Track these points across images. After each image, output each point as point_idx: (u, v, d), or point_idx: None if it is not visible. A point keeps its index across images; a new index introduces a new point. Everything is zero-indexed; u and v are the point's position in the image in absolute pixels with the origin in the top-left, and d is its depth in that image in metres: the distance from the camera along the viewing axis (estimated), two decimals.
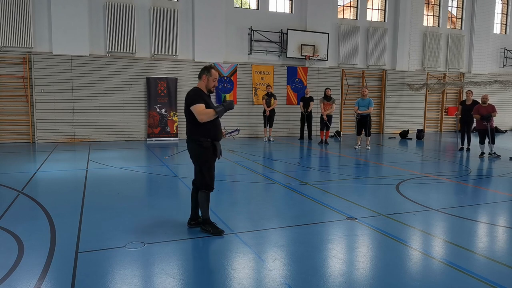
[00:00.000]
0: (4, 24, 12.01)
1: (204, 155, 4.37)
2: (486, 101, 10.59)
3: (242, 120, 15.07)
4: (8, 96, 12.30)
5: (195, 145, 4.37)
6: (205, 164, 4.40)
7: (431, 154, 11.41)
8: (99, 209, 5.42)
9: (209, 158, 4.41)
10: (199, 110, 4.25)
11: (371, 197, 6.34)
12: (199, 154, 4.38)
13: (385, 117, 17.66)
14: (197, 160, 4.42)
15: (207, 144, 4.35)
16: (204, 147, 4.35)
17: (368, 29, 16.98)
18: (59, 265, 3.62)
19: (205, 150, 4.36)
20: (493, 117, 10.44)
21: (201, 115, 4.25)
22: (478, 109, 10.68)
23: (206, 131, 4.34)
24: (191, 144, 4.42)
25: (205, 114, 4.26)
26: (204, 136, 4.34)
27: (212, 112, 4.30)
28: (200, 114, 4.25)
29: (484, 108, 10.53)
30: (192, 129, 4.37)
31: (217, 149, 4.44)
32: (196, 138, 4.35)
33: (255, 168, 8.75)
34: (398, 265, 3.73)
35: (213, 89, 4.47)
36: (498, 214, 5.54)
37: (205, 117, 4.26)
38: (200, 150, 4.36)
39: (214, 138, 4.42)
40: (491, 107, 10.48)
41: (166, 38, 13.77)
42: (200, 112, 4.25)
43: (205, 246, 4.14)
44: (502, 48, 19.65)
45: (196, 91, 4.38)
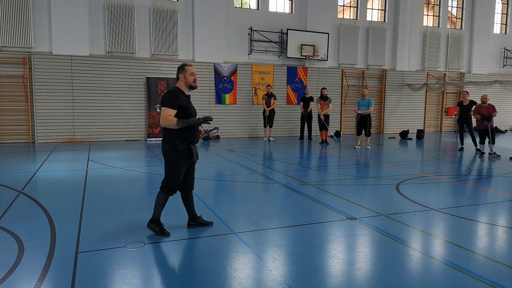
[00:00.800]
0: (4, 24, 12.01)
1: (177, 157, 4.29)
2: (486, 101, 10.59)
3: (242, 120, 15.08)
4: (8, 96, 12.30)
5: (169, 147, 4.29)
6: (175, 167, 4.33)
7: (431, 154, 11.41)
8: (99, 209, 5.42)
9: (182, 161, 4.33)
10: (164, 115, 4.17)
11: (371, 197, 6.34)
12: (172, 157, 4.30)
13: (385, 117, 17.66)
14: (169, 161, 4.35)
15: (182, 147, 4.27)
16: (179, 150, 4.27)
17: (368, 29, 16.98)
18: (59, 265, 3.62)
19: (179, 153, 4.28)
20: (493, 117, 10.45)
21: (163, 121, 4.19)
22: (478, 109, 10.69)
23: (182, 133, 4.25)
24: (166, 145, 4.33)
25: (166, 121, 4.16)
26: (180, 139, 4.26)
27: (173, 122, 4.15)
28: (163, 120, 4.18)
29: (484, 108, 10.54)
30: (169, 130, 4.27)
31: (193, 152, 4.36)
32: (172, 140, 4.26)
33: (255, 168, 8.75)
34: (398, 265, 3.73)
35: (194, 83, 4.36)
36: (498, 214, 5.54)
37: (165, 123, 4.19)
38: (174, 152, 4.28)
39: (191, 141, 4.34)
40: (491, 107, 10.49)
41: (166, 38, 13.77)
42: (163, 117, 4.18)
43: (205, 246, 4.14)
44: (502, 48, 19.65)
45: (172, 93, 4.28)
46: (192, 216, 4.67)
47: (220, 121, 14.76)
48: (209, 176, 8.04)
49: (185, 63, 4.43)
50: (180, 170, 4.36)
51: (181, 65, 4.41)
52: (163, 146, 4.37)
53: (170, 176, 4.36)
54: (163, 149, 4.40)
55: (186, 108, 4.28)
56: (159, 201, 4.44)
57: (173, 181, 4.37)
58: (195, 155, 4.41)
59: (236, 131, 15.04)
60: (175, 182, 4.38)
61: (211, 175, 8.18)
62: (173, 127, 4.20)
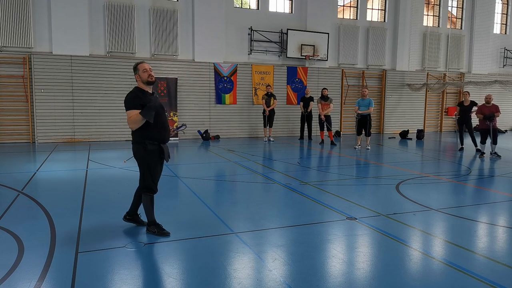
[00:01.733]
0: (4, 24, 12.02)
1: (149, 158, 4.27)
2: (490, 101, 10.57)
3: (242, 120, 15.08)
4: (8, 96, 12.30)
5: (140, 147, 4.25)
6: (148, 167, 4.30)
7: (431, 154, 11.40)
8: (99, 209, 5.42)
9: (154, 161, 4.30)
10: (128, 118, 4.15)
11: (371, 197, 6.33)
12: (143, 157, 4.27)
13: (385, 117, 17.66)
14: (142, 163, 4.31)
15: (152, 147, 4.24)
16: (149, 150, 4.23)
17: (368, 29, 16.98)
18: (59, 265, 3.62)
19: (150, 153, 4.25)
20: (496, 117, 10.42)
21: (131, 124, 4.15)
22: (481, 109, 10.65)
23: (152, 133, 4.21)
24: (135, 146, 4.29)
25: (134, 123, 4.12)
26: (150, 139, 4.22)
27: (139, 118, 4.08)
28: (130, 123, 4.14)
29: (488, 108, 10.51)
30: (138, 131, 4.22)
31: (164, 151, 4.32)
32: (141, 140, 4.22)
33: (255, 168, 8.75)
34: (398, 265, 3.72)
35: (150, 78, 4.29)
36: (498, 214, 5.54)
37: (134, 125, 4.13)
38: (144, 153, 4.25)
39: (161, 141, 4.31)
40: (494, 107, 10.46)
41: (166, 38, 13.78)
42: (129, 120, 4.13)
43: (205, 246, 4.14)
44: (502, 48, 19.65)
45: (131, 95, 4.24)
46: (132, 211, 4.66)
47: (220, 121, 14.78)
48: (209, 176, 8.05)
49: (138, 62, 4.40)
50: (154, 169, 4.35)
51: (134, 65, 4.40)
52: (133, 147, 4.33)
53: (147, 178, 4.33)
54: (133, 151, 4.34)
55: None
56: (146, 204, 4.41)
57: (152, 181, 4.35)
58: (166, 154, 4.35)
59: (236, 131, 15.04)
60: (153, 182, 4.37)
61: (211, 175, 8.18)
62: (141, 123, 4.13)
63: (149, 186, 4.36)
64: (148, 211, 4.42)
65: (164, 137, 4.34)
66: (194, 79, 14.28)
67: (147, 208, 4.42)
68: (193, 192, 6.44)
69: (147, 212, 4.42)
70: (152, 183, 4.36)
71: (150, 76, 4.31)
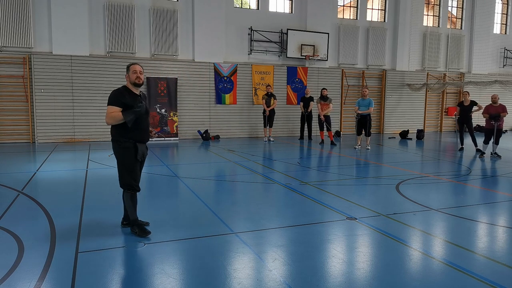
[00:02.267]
0: (4, 24, 12.02)
1: (124, 155, 4.30)
2: (496, 101, 10.54)
3: (242, 120, 15.08)
4: (8, 96, 12.30)
5: (116, 146, 4.31)
6: (126, 166, 4.32)
7: (431, 154, 11.40)
8: (99, 209, 5.42)
9: (130, 159, 4.32)
10: (107, 113, 4.21)
11: (371, 197, 6.33)
12: (119, 155, 4.32)
13: (385, 117, 17.66)
14: (119, 160, 4.36)
15: (127, 145, 4.27)
16: (124, 147, 4.27)
17: (368, 29, 16.98)
18: (59, 265, 3.62)
19: (125, 150, 4.28)
20: (502, 117, 10.39)
21: (108, 119, 4.22)
22: (488, 108, 10.62)
23: (128, 132, 4.25)
24: (113, 144, 4.36)
25: (111, 119, 4.19)
26: (125, 137, 4.26)
27: (118, 117, 4.16)
28: (108, 118, 4.22)
29: (494, 108, 10.49)
30: (115, 129, 4.31)
31: (138, 151, 4.32)
32: (116, 138, 4.29)
33: (255, 168, 8.75)
34: (398, 265, 3.72)
35: (137, 80, 4.32)
36: (498, 214, 5.54)
37: (111, 121, 4.21)
38: (120, 150, 4.30)
39: (137, 140, 4.33)
40: (501, 107, 10.43)
41: (166, 38, 13.78)
42: (107, 116, 4.21)
43: (205, 246, 4.14)
44: (502, 48, 19.66)
45: (118, 91, 4.30)
46: (127, 216, 4.60)
47: (220, 121, 14.78)
48: (209, 176, 8.05)
49: (132, 62, 4.45)
50: (131, 166, 4.35)
51: (128, 64, 4.45)
52: (112, 145, 4.38)
53: (125, 176, 4.34)
54: (112, 148, 4.40)
55: (131, 107, 4.23)
56: (127, 202, 4.39)
57: (130, 178, 4.34)
58: (140, 153, 4.35)
59: (236, 131, 15.04)
60: (133, 179, 4.36)
61: (211, 175, 8.18)
62: (119, 122, 4.19)
63: (128, 183, 4.34)
64: (129, 210, 4.40)
65: (141, 138, 4.37)
66: (194, 79, 14.28)
67: (128, 206, 4.40)
68: (193, 192, 6.44)
69: (129, 210, 4.40)
70: (131, 180, 4.34)
71: (138, 78, 4.34)
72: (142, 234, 4.33)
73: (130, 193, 4.37)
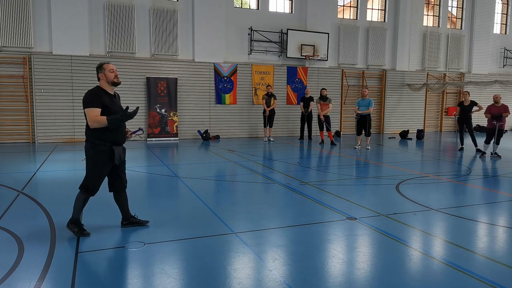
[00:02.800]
0: (4, 24, 12.02)
1: (98, 159, 4.20)
2: (499, 101, 10.52)
3: (242, 120, 15.09)
4: (8, 96, 12.30)
5: (90, 147, 4.18)
6: (95, 168, 4.23)
7: (431, 154, 11.40)
8: (99, 209, 5.42)
9: (102, 162, 4.22)
10: (92, 116, 4.07)
11: (371, 197, 6.33)
12: (92, 157, 4.20)
13: (385, 117, 17.66)
14: (90, 162, 4.25)
15: (103, 148, 4.17)
16: (99, 150, 4.16)
17: (368, 29, 16.98)
18: (59, 265, 3.62)
19: (99, 154, 4.17)
20: (504, 118, 10.37)
21: (92, 122, 4.09)
22: (490, 108, 10.60)
23: (106, 134, 4.15)
24: (86, 145, 4.23)
25: (96, 122, 4.08)
26: (101, 139, 4.15)
27: (104, 121, 4.07)
28: (92, 121, 4.08)
29: (497, 108, 10.47)
30: (90, 130, 4.17)
31: (115, 154, 4.23)
32: (91, 140, 4.16)
33: (255, 168, 8.75)
34: (398, 265, 3.72)
35: (116, 79, 4.26)
36: (498, 214, 5.54)
37: (96, 124, 4.09)
38: (94, 154, 4.18)
39: (114, 142, 4.23)
40: (503, 107, 10.41)
41: (166, 38, 13.78)
42: (92, 119, 4.08)
43: (205, 246, 4.14)
44: (502, 48, 19.66)
45: (94, 92, 4.17)
46: (125, 215, 4.60)
47: (220, 121, 14.78)
48: (209, 176, 8.05)
49: (101, 62, 4.32)
50: (101, 171, 4.26)
51: (98, 64, 4.29)
52: (85, 146, 4.26)
53: (90, 177, 4.25)
54: (85, 149, 4.27)
55: (109, 107, 4.16)
56: (78, 202, 4.30)
57: (93, 183, 4.26)
58: (117, 156, 4.24)
59: (236, 131, 15.04)
60: (95, 183, 4.27)
61: (211, 175, 8.18)
62: (102, 125, 4.09)
63: (89, 186, 4.26)
64: (76, 209, 4.30)
65: (118, 140, 4.29)
66: (194, 79, 14.28)
67: (76, 205, 4.29)
68: (193, 192, 6.44)
69: (75, 209, 4.30)
70: (93, 184, 4.27)
71: (117, 77, 4.29)
72: (80, 234, 4.27)
73: (85, 195, 4.30)
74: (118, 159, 4.29)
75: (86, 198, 4.33)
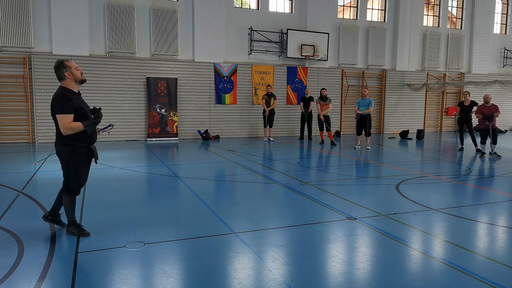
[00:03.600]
0: (4, 24, 12.02)
1: (76, 161, 4.14)
2: (489, 101, 10.55)
3: (242, 120, 15.09)
4: (8, 96, 12.30)
5: (67, 149, 4.08)
6: (75, 169, 4.17)
7: (431, 154, 11.40)
8: (99, 209, 5.42)
9: (81, 163, 4.20)
10: (66, 124, 3.94)
11: (371, 197, 6.33)
12: (70, 159, 4.12)
13: (385, 117, 17.66)
14: (68, 165, 4.16)
15: (81, 150, 4.12)
16: (78, 153, 4.11)
17: (368, 29, 16.98)
18: (59, 265, 3.62)
19: (78, 156, 4.12)
20: (495, 117, 10.41)
21: (66, 130, 3.95)
22: (481, 109, 10.65)
23: (81, 135, 4.07)
24: (63, 148, 4.09)
25: (71, 129, 3.97)
26: (79, 141, 4.08)
27: (79, 128, 4.00)
28: (66, 129, 3.95)
29: (487, 108, 10.50)
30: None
31: (94, 153, 4.23)
32: (70, 143, 4.05)
33: (255, 168, 8.75)
34: (398, 265, 3.72)
35: (83, 77, 4.18)
36: (498, 214, 5.54)
37: (70, 131, 3.98)
38: (72, 155, 4.10)
39: (90, 142, 4.21)
40: (494, 107, 10.45)
41: (166, 38, 13.78)
42: (66, 126, 3.94)
43: (205, 246, 4.14)
44: (502, 48, 19.66)
45: (65, 95, 4.00)
46: (54, 212, 4.49)
47: (220, 121, 14.78)
48: (209, 176, 8.05)
49: (61, 60, 4.15)
50: (81, 172, 4.25)
51: (59, 63, 4.11)
52: (60, 149, 4.13)
53: (72, 180, 4.21)
54: (59, 152, 4.15)
55: (80, 109, 4.08)
56: (67, 205, 4.27)
57: (77, 184, 4.26)
58: (96, 155, 4.27)
59: (236, 131, 15.04)
60: (79, 184, 4.28)
61: (211, 175, 8.18)
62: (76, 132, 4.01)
63: (73, 188, 4.25)
64: (69, 212, 4.30)
65: (93, 139, 4.26)
66: (194, 79, 14.28)
67: (68, 209, 4.29)
68: (193, 192, 6.44)
69: (68, 213, 4.30)
70: (77, 186, 4.27)
71: (82, 75, 4.24)
72: (80, 234, 4.27)
73: (71, 196, 4.29)
74: (97, 157, 4.32)
75: (73, 198, 4.32)
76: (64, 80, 4.11)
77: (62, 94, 4.02)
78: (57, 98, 4.01)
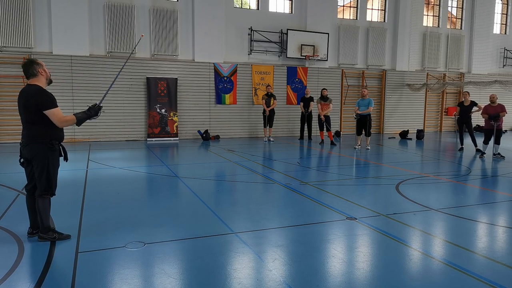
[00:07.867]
0: (4, 24, 12.02)
1: (54, 159, 4.10)
2: (495, 101, 10.48)
3: (242, 120, 15.09)
4: (8, 96, 12.29)
5: (43, 148, 3.99)
6: (53, 168, 4.12)
7: (431, 154, 11.40)
8: (99, 209, 5.42)
9: (56, 161, 4.16)
10: (60, 117, 3.98)
11: (371, 197, 6.33)
12: (47, 157, 4.03)
13: (385, 117, 17.66)
14: (45, 164, 4.03)
15: (56, 147, 4.10)
16: (54, 150, 4.08)
17: (368, 29, 16.99)
18: (59, 265, 3.62)
19: (54, 153, 4.10)
20: (502, 117, 10.35)
21: (63, 123, 4.03)
22: (487, 108, 10.57)
23: (57, 132, 4.10)
24: (38, 146, 3.98)
25: (66, 122, 4.05)
26: (55, 139, 4.09)
27: (72, 120, 4.08)
28: (62, 122, 4.03)
29: (493, 108, 10.43)
30: (41, 131, 3.98)
31: (66, 152, 4.24)
32: (46, 140, 4.01)
33: (255, 168, 8.75)
34: (398, 265, 3.73)
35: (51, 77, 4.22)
36: (498, 214, 5.54)
37: (65, 124, 4.06)
38: (49, 152, 4.03)
39: (62, 140, 4.21)
40: (500, 107, 10.37)
41: (166, 38, 13.78)
42: (61, 119, 4.01)
43: (205, 246, 4.14)
44: (502, 48, 19.66)
45: (45, 90, 4.01)
46: (36, 224, 4.21)
47: (220, 121, 14.78)
48: (209, 176, 8.05)
49: (33, 59, 4.12)
50: (56, 170, 4.18)
51: (31, 60, 4.09)
52: (35, 148, 3.99)
53: (49, 180, 4.07)
54: (34, 152, 4.00)
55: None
56: (45, 207, 4.08)
57: (55, 183, 4.19)
58: (65, 152, 4.26)
59: (236, 131, 15.04)
60: (56, 182, 4.20)
61: (211, 175, 8.18)
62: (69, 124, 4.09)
63: (52, 187, 4.14)
64: (45, 216, 4.08)
65: (63, 136, 4.26)
66: (194, 79, 14.28)
67: (44, 212, 4.08)
68: (193, 192, 6.44)
69: (44, 216, 4.07)
70: (55, 184, 4.19)
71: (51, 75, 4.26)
72: (62, 238, 4.17)
73: (49, 198, 4.16)
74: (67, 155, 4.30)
75: (49, 200, 4.19)
76: (36, 77, 4.06)
77: (42, 90, 4.01)
78: (40, 95, 3.95)
